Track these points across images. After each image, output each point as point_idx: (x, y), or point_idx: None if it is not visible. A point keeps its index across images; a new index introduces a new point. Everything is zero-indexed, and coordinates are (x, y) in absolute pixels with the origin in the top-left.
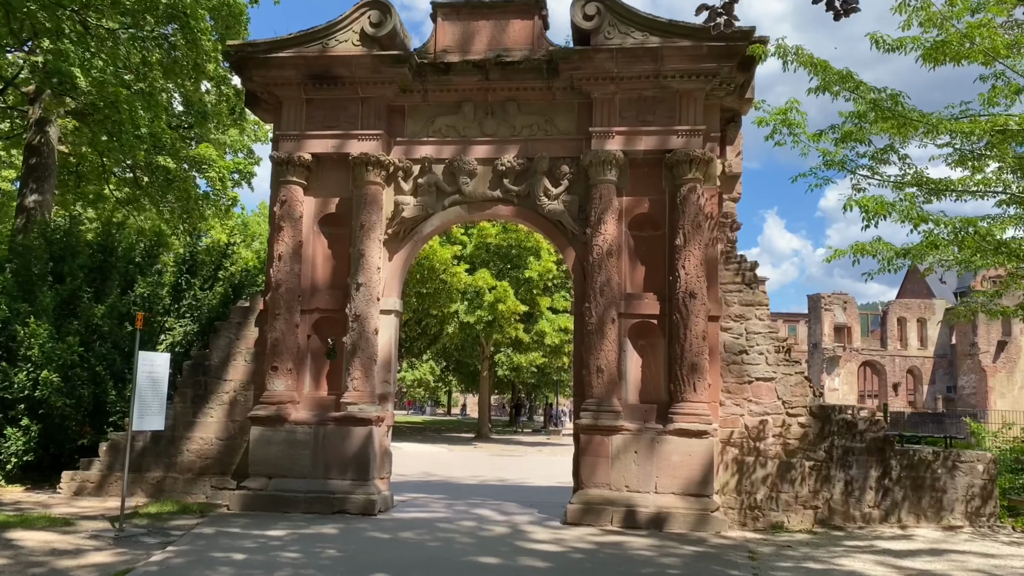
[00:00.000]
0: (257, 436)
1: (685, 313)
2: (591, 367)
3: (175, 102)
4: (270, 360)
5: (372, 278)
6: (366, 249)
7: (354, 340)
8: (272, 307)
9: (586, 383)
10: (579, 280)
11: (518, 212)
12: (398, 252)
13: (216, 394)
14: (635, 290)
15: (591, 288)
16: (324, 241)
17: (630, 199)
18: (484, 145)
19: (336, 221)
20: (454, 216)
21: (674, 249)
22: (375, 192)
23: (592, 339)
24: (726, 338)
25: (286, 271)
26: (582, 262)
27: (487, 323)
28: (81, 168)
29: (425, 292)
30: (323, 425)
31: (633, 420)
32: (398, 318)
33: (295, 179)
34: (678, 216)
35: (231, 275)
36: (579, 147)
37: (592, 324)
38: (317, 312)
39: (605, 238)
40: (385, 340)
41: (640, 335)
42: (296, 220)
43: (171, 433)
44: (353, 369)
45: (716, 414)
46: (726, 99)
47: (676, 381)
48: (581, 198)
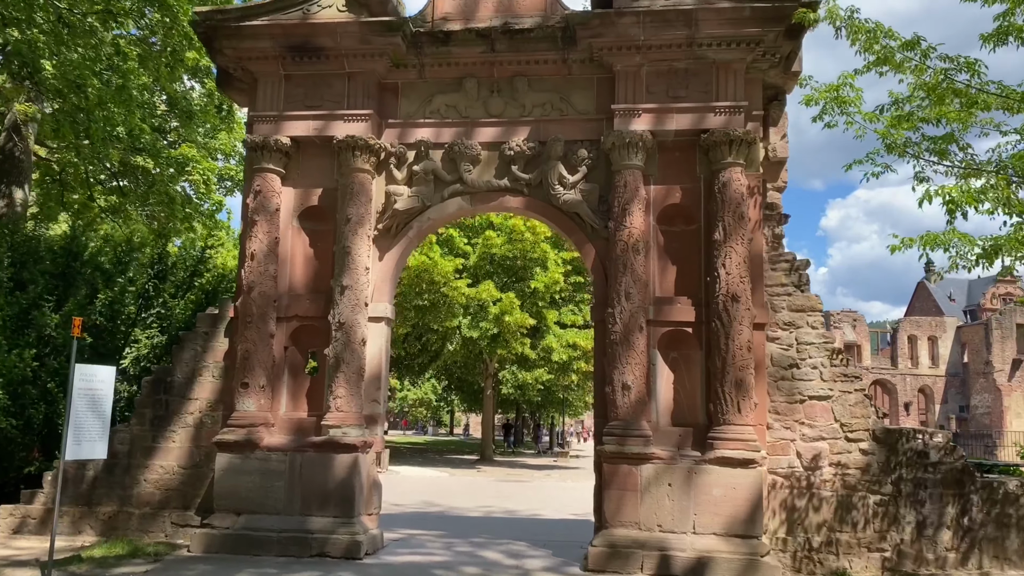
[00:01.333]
0: (224, 465)
1: (726, 320)
2: (615, 383)
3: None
4: (240, 375)
5: (359, 280)
6: (352, 246)
7: (337, 352)
8: (243, 314)
9: (609, 402)
10: (600, 282)
11: (528, 204)
12: (390, 250)
13: (179, 415)
14: (666, 293)
15: (615, 291)
16: (305, 238)
17: (659, 188)
18: (489, 127)
19: (319, 215)
20: (455, 209)
21: (712, 245)
22: (363, 181)
23: (616, 350)
24: (773, 349)
25: (259, 272)
26: (603, 261)
27: (491, 338)
28: (64, 176)
29: (425, 305)
30: (301, 452)
31: (665, 446)
32: (389, 327)
33: (271, 166)
34: (716, 207)
35: (207, 282)
36: (599, 129)
37: (616, 333)
38: (296, 320)
39: (631, 232)
40: (374, 352)
41: (672, 346)
42: (272, 214)
43: (127, 461)
44: (336, 386)
45: (763, 439)
46: (769, 72)
47: (717, 400)
48: (602, 187)
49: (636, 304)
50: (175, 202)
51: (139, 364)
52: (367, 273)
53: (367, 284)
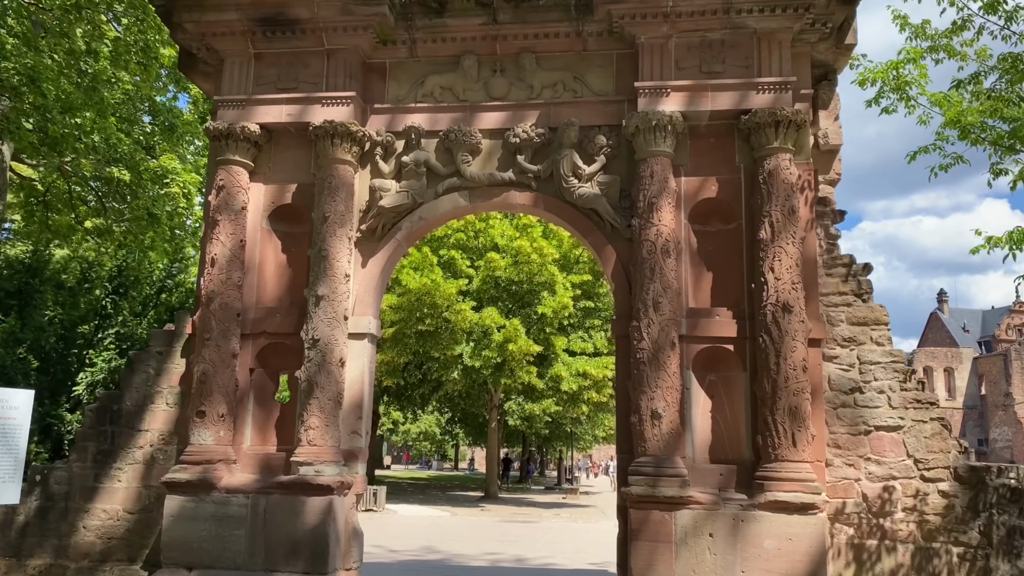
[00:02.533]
0: (174, 509)
1: (776, 334)
2: (643, 411)
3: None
4: (196, 402)
5: (338, 289)
6: (330, 249)
7: (311, 374)
8: (201, 329)
9: (636, 434)
10: (622, 291)
11: (537, 200)
12: (375, 255)
13: (127, 450)
14: (701, 304)
15: (640, 301)
16: (277, 242)
17: (691, 180)
18: (491, 112)
19: (293, 216)
20: (451, 206)
21: (757, 246)
22: (344, 174)
23: (643, 372)
24: (832, 370)
25: (221, 281)
26: (626, 266)
27: (495, 367)
28: (49, 197)
29: (427, 331)
30: (266, 494)
31: (705, 488)
32: (374, 344)
33: (237, 158)
34: (761, 200)
35: (175, 299)
36: (619, 112)
37: (643, 351)
38: (264, 337)
39: (659, 231)
40: (355, 375)
41: (710, 366)
42: (237, 213)
43: (64, 504)
44: (308, 415)
45: (823, 479)
46: (819, 46)
47: (766, 431)
48: (623, 179)
49: (667, 316)
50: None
51: (95, 390)
52: (347, 281)
53: (347, 294)
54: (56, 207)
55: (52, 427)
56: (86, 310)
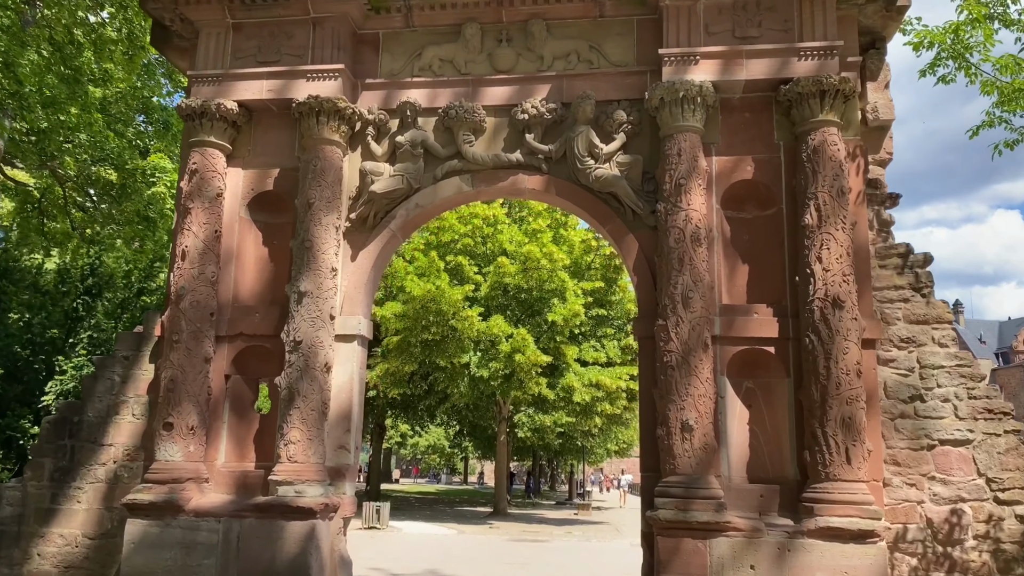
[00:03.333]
0: (137, 535)
1: (826, 334)
2: (672, 423)
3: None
4: (163, 413)
5: (323, 284)
6: (315, 240)
7: (292, 381)
8: (170, 330)
9: (663, 450)
10: (646, 286)
11: (548, 184)
12: (365, 247)
13: (88, 466)
14: (736, 300)
15: (668, 296)
16: (257, 234)
17: (724, 160)
18: (497, 87)
19: (275, 205)
20: (452, 192)
21: (801, 233)
22: (331, 156)
23: (672, 378)
24: (888, 375)
25: (193, 276)
26: (650, 257)
27: (503, 377)
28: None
29: (433, 340)
30: (239, 517)
31: (743, 511)
32: (364, 347)
33: (213, 139)
34: (805, 181)
35: (156, 301)
36: (641, 84)
37: (671, 354)
38: (242, 339)
39: (688, 216)
40: (343, 381)
41: (746, 372)
42: (212, 200)
43: (17, 528)
44: (289, 427)
45: (881, 500)
46: (866, 9)
47: (816, 446)
48: (646, 159)
49: (698, 314)
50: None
51: (65, 400)
52: (334, 276)
53: (334, 291)
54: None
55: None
56: (57, 313)
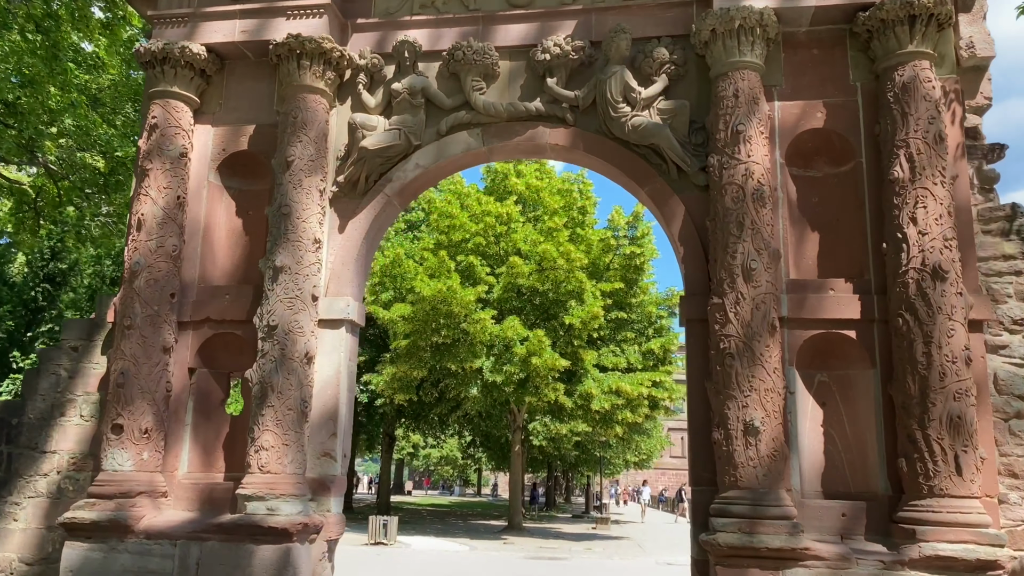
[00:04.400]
0: (75, 562)
1: (925, 312)
2: (732, 425)
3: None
4: (111, 413)
5: (304, 259)
6: (295, 205)
7: (265, 375)
8: (121, 314)
9: (722, 458)
10: (694, 259)
11: (575, 138)
12: (356, 216)
13: (27, 478)
14: (805, 275)
15: (725, 268)
16: (229, 203)
17: (789, 106)
18: (513, 24)
19: (250, 168)
20: (460, 149)
21: (887, 190)
22: (315, 107)
23: (732, 369)
24: (998, 365)
25: (151, 249)
26: (699, 223)
27: (518, 383)
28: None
29: (442, 343)
30: (199, 540)
31: (820, 534)
32: (355, 335)
33: (177, 90)
34: (893, 126)
35: None
36: (686, 18)
37: (730, 339)
38: (210, 326)
39: (749, 170)
40: (328, 375)
41: (819, 362)
42: (175, 161)
43: None
44: (261, 430)
45: (997, 521)
46: None
47: (916, 453)
48: (694, 106)
49: (763, 289)
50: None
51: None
52: (317, 249)
53: (317, 266)
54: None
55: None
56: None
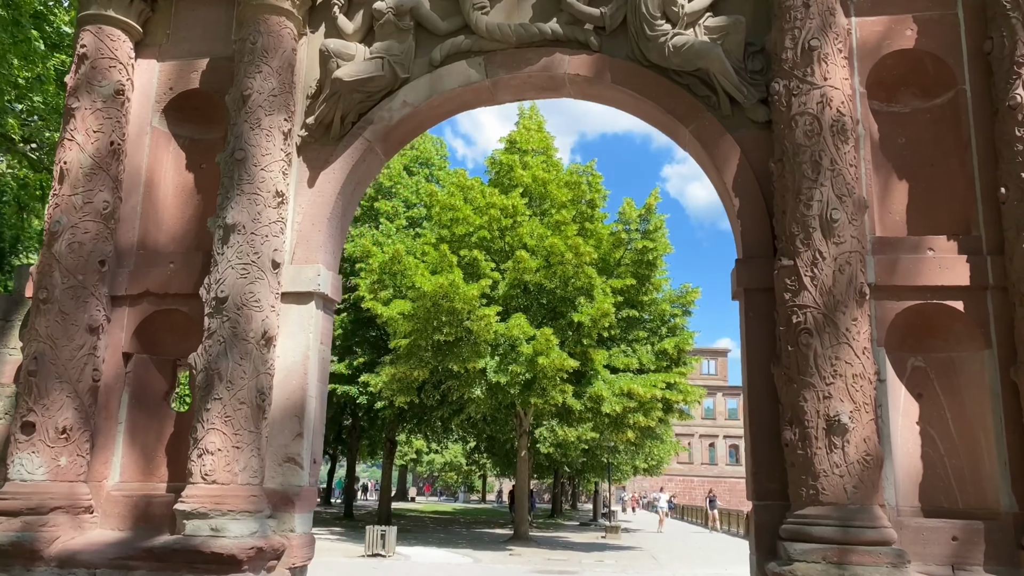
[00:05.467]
0: None
1: None
2: (809, 421)
3: None
4: (21, 408)
5: (263, 215)
6: (252, 150)
7: (211, 359)
8: (38, 285)
9: (796, 464)
10: (753, 212)
11: (601, 66)
12: (330, 166)
13: None
14: (892, 232)
15: (796, 220)
16: (178, 154)
17: (870, 23)
18: None
19: (204, 112)
20: (457, 83)
21: (1004, 123)
22: (279, 31)
23: (809, 348)
24: None
25: (75, 206)
26: (758, 168)
27: (524, 384)
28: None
29: (444, 342)
30: (125, 569)
31: (925, 562)
32: (329, 313)
33: (112, 14)
34: (1013, 39)
35: None
36: None
37: (807, 312)
38: (150, 300)
39: (826, 96)
40: (294, 361)
41: (912, 342)
42: (109, 100)
43: None
44: (205, 429)
45: None
46: None
47: None
48: (749, 23)
49: (847, 246)
50: None
51: None
52: (281, 206)
53: (281, 226)
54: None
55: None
56: None
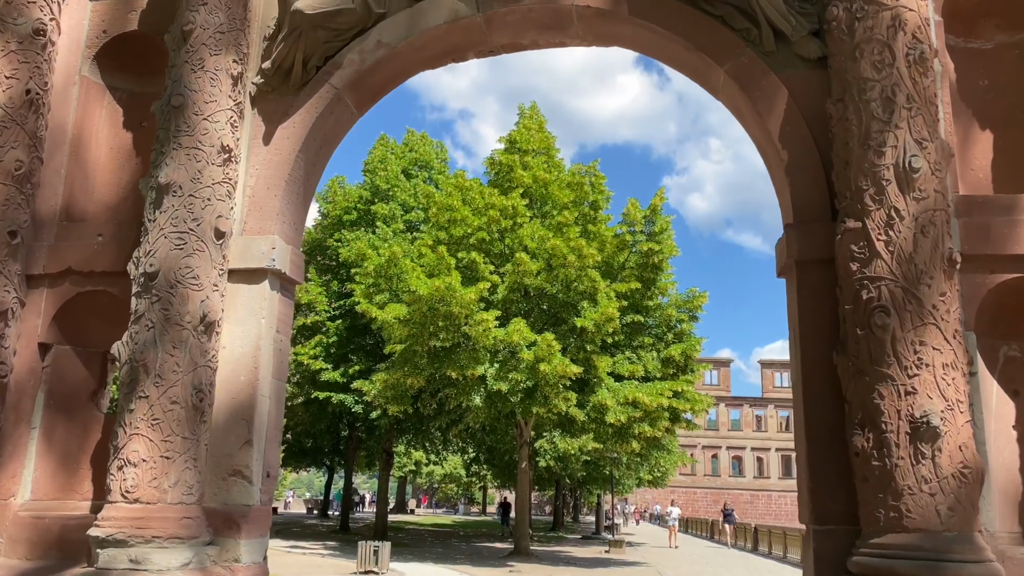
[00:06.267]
0: None
1: None
2: (887, 422)
3: None
4: None
5: (205, 174)
6: (193, 95)
7: (137, 349)
8: None
9: (869, 479)
10: (806, 165)
11: None
12: (289, 118)
13: None
14: (976, 188)
15: (865, 172)
16: (113, 108)
17: None
18: None
19: (144, 59)
20: (443, 18)
21: None
22: None
23: (885, 330)
24: None
25: None
26: (810, 112)
27: (525, 392)
28: None
29: (441, 348)
30: None
31: None
32: (286, 294)
33: None
34: None
35: None
36: None
37: (882, 284)
38: (73, 280)
39: (898, 20)
40: (243, 352)
41: (1005, 327)
42: (27, 40)
43: None
44: (128, 435)
45: None
46: None
47: None
48: None
49: (931, 202)
50: None
51: None
52: (228, 163)
53: (228, 188)
54: None
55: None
56: None
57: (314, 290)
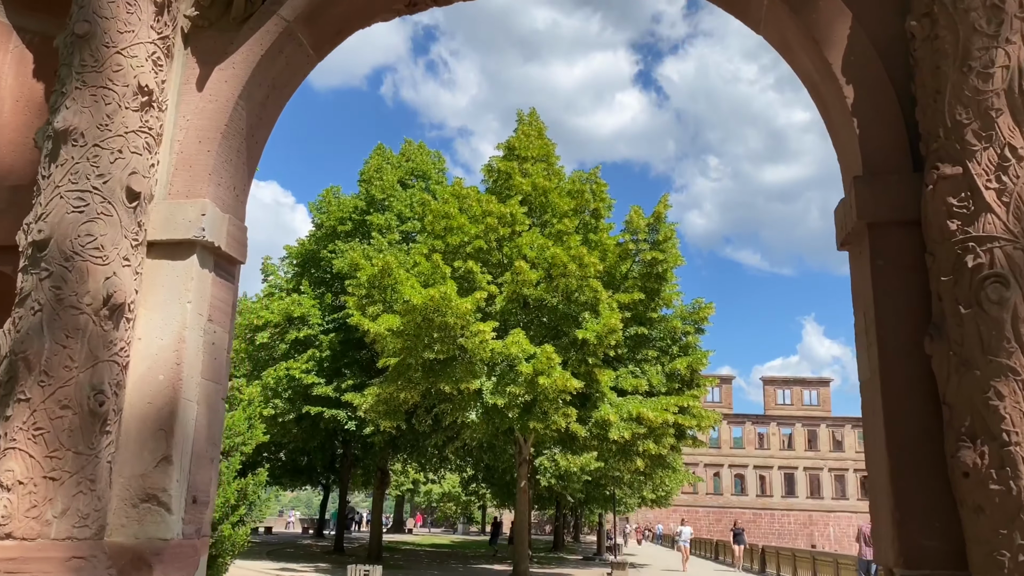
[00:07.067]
0: None
1: None
2: (1009, 430)
3: None
4: None
5: (116, 120)
6: (104, 23)
7: (19, 337)
8: None
9: (985, 507)
10: (876, 102)
11: None
12: (228, 58)
13: None
14: None
15: (959, 100)
16: (21, 53)
17: None
18: None
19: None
20: None
21: None
22: None
23: (1000, 308)
24: None
25: None
26: (876, 35)
27: (523, 407)
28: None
29: (436, 360)
30: None
31: None
32: (223, 276)
33: None
34: None
35: None
36: None
37: (992, 247)
38: None
39: None
40: (163, 345)
41: None
42: None
43: None
44: (1, 449)
45: None
46: None
47: None
48: None
49: None
50: None
51: None
52: (147, 108)
53: (146, 139)
54: None
55: None
56: None
57: (307, 303)
